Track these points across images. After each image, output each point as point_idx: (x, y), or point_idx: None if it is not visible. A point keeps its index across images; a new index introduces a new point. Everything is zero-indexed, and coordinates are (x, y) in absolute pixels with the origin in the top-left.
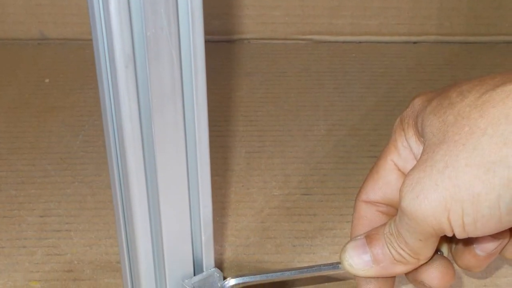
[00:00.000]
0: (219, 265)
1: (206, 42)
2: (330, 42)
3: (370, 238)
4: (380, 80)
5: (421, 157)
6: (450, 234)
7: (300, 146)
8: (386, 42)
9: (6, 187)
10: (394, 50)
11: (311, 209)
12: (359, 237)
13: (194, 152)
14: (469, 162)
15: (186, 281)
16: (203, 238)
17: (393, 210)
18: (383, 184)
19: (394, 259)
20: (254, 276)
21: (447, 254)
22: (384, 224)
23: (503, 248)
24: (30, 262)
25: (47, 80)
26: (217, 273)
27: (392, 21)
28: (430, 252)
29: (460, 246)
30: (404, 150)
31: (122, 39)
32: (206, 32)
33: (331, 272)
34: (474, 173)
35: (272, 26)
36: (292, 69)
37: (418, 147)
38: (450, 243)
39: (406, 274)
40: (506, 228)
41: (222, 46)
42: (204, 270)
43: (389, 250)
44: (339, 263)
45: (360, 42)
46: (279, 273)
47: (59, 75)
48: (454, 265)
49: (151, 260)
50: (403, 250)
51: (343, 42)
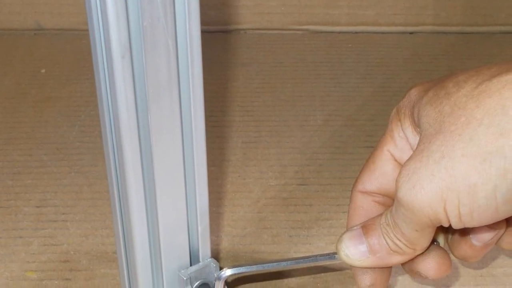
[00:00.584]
0: (216, 255)
1: (202, 32)
2: (326, 32)
3: (366, 228)
4: (376, 70)
5: (417, 147)
6: (446, 224)
7: (296, 136)
8: (383, 33)
9: (2, 177)
10: (391, 41)
11: (308, 199)
12: (356, 227)
13: (191, 142)
14: (465, 153)
15: (183, 271)
16: (200, 228)
17: (389, 201)
18: (380, 174)
19: (391, 250)
20: (251, 266)
21: (444, 245)
22: (380, 214)
23: (500, 238)
24: (27, 252)
25: (43, 70)
26: (213, 263)
27: (388, 11)
28: (426, 242)
29: (456, 236)
30: (400, 140)
31: (119, 30)
32: (202, 22)
33: (328, 262)
34: (471, 163)
35: (268, 16)
36: (288, 59)
37: (414, 138)
38: (446, 234)
39: (403, 264)
40: (503, 218)
41: (219, 37)
42: (200, 260)
43: (385, 240)
44: (336, 254)
45: (356, 33)
46: (276, 263)
47: (56, 66)
48: (451, 255)
49: (148, 250)
50: (400, 240)
51: (340, 33)
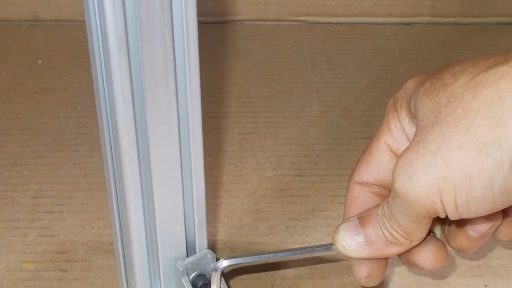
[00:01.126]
0: (212, 246)
1: (199, 23)
2: (323, 23)
3: (363, 219)
4: (373, 61)
5: (414, 138)
6: (443, 216)
7: (293, 127)
8: (379, 24)
9: None
10: (387, 32)
11: (304, 190)
12: (352, 218)
13: (187, 133)
14: (461, 144)
15: (179, 262)
16: (196, 219)
17: (386, 192)
18: (376, 165)
19: (387, 241)
20: (247, 257)
21: (440, 236)
22: (377, 205)
23: (496, 229)
24: (23, 243)
25: (40, 61)
26: (210, 254)
27: (385, 2)
28: (423, 233)
29: (453, 227)
30: (397, 131)
31: (115, 21)
32: (199, 13)
33: (324, 253)
34: (467, 154)
35: (265, 7)
36: (285, 50)
37: (411, 129)
38: (443, 225)
39: (399, 255)
40: (499, 209)
41: (215, 28)
42: (197, 251)
43: (382, 231)
44: (332, 245)
45: (353, 24)
46: (272, 254)
47: (52, 57)
48: (447, 246)
49: (144, 241)
50: (396, 231)
51: (336, 24)
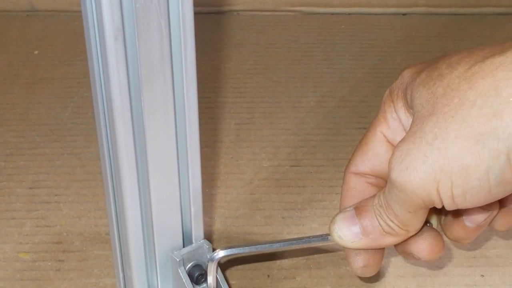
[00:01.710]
0: (208, 236)
1: (195, 13)
2: (319, 13)
3: (359, 209)
4: (369, 51)
5: (410, 128)
6: (439, 206)
7: (289, 117)
8: (376, 14)
9: None
10: (384, 22)
11: (300, 180)
12: (349, 208)
13: (183, 123)
14: (458, 134)
15: (175, 252)
16: (192, 209)
17: (382, 182)
18: (372, 155)
19: (383, 231)
20: (243, 247)
21: (437, 226)
22: (373, 195)
23: (493, 219)
24: (19, 233)
25: (36, 51)
26: (206, 244)
27: None
28: (419, 223)
29: (449, 217)
30: (393, 121)
31: (111, 11)
32: (195, 3)
33: (321, 243)
34: (464, 144)
35: None
36: (281, 40)
37: (407, 119)
38: (439, 215)
39: (396, 246)
40: (495, 199)
41: (211, 18)
42: (193, 241)
43: (378, 221)
44: (329, 235)
45: (349, 14)
46: (268, 244)
47: (48, 47)
48: (444, 237)
49: (140, 232)
50: (392, 221)
51: (332, 14)
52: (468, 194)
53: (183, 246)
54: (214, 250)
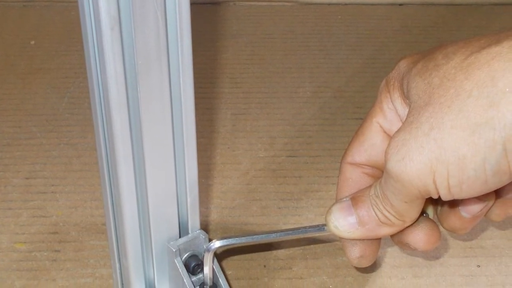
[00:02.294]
0: (205, 227)
1: (192, 4)
2: (315, 4)
3: (355, 200)
4: (365, 42)
5: (406, 119)
6: (435, 196)
7: (285, 108)
8: (372, 4)
9: None
10: (380, 12)
11: (297, 171)
12: (345, 199)
13: (180, 114)
14: (454, 124)
15: (172, 243)
16: (189, 200)
17: (378, 172)
18: (369, 146)
19: (380, 221)
20: (240, 238)
21: (433, 216)
22: (369, 186)
23: (489, 210)
24: (16, 224)
25: (33, 42)
26: (202, 235)
27: None
28: (415, 214)
29: (445, 208)
30: (389, 112)
31: (108, 1)
32: None
33: (317, 234)
34: (460, 135)
35: None
36: (277, 31)
37: (403, 109)
38: (435, 205)
39: (392, 236)
40: (492, 190)
41: (208, 8)
42: (189, 232)
43: (374, 212)
44: (325, 225)
45: (345, 4)
46: (265, 235)
47: (45, 37)
48: (440, 227)
49: (137, 222)
50: (389, 212)
51: (329, 4)
52: (464, 184)
53: (180, 237)
54: (210, 240)
